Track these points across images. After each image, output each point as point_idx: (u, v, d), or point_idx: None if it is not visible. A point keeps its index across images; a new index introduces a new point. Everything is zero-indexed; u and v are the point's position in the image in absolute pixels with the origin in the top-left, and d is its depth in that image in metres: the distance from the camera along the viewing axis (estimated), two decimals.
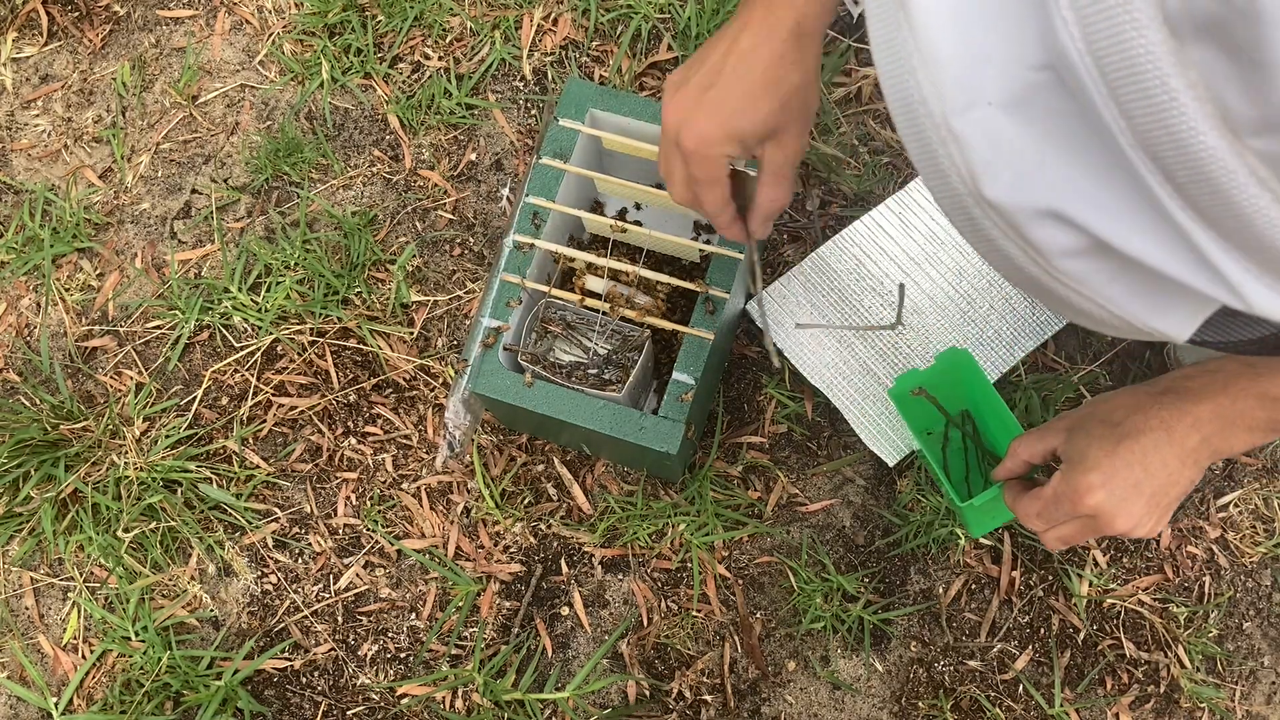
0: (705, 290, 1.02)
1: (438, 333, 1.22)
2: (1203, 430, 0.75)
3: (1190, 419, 0.75)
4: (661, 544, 1.14)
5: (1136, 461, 0.75)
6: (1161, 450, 0.75)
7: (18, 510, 1.17)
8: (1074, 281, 0.41)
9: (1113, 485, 0.76)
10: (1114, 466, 0.76)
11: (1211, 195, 0.35)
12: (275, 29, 1.36)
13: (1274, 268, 0.37)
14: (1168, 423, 0.75)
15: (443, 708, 1.10)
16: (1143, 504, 0.76)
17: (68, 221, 1.28)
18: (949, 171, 0.41)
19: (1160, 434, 0.75)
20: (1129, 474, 0.75)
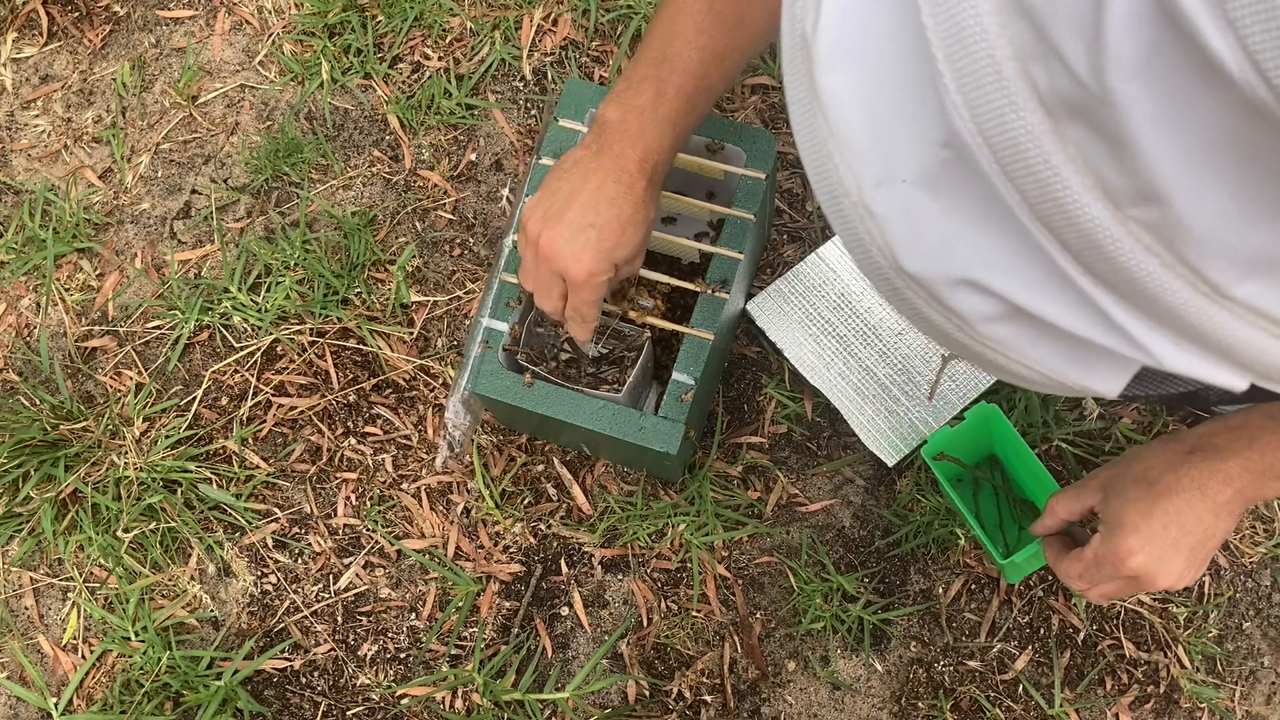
0: (705, 290, 1.02)
1: (438, 333, 1.22)
2: (1234, 485, 0.78)
3: (1221, 475, 0.78)
4: (661, 544, 1.14)
5: (1173, 521, 0.79)
6: (1195, 507, 0.79)
7: (18, 510, 1.17)
8: (999, 345, 0.43)
9: (1152, 548, 0.79)
10: (1151, 529, 0.79)
11: (1104, 262, 0.37)
12: (275, 29, 1.36)
13: (1175, 327, 0.39)
14: (1199, 481, 0.79)
15: (443, 708, 1.10)
16: (1182, 560, 0.80)
17: (68, 221, 1.28)
18: (870, 247, 0.43)
19: (1193, 492, 0.79)
20: (1166, 534, 0.79)
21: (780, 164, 1.27)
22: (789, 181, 1.26)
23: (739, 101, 1.29)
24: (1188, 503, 0.79)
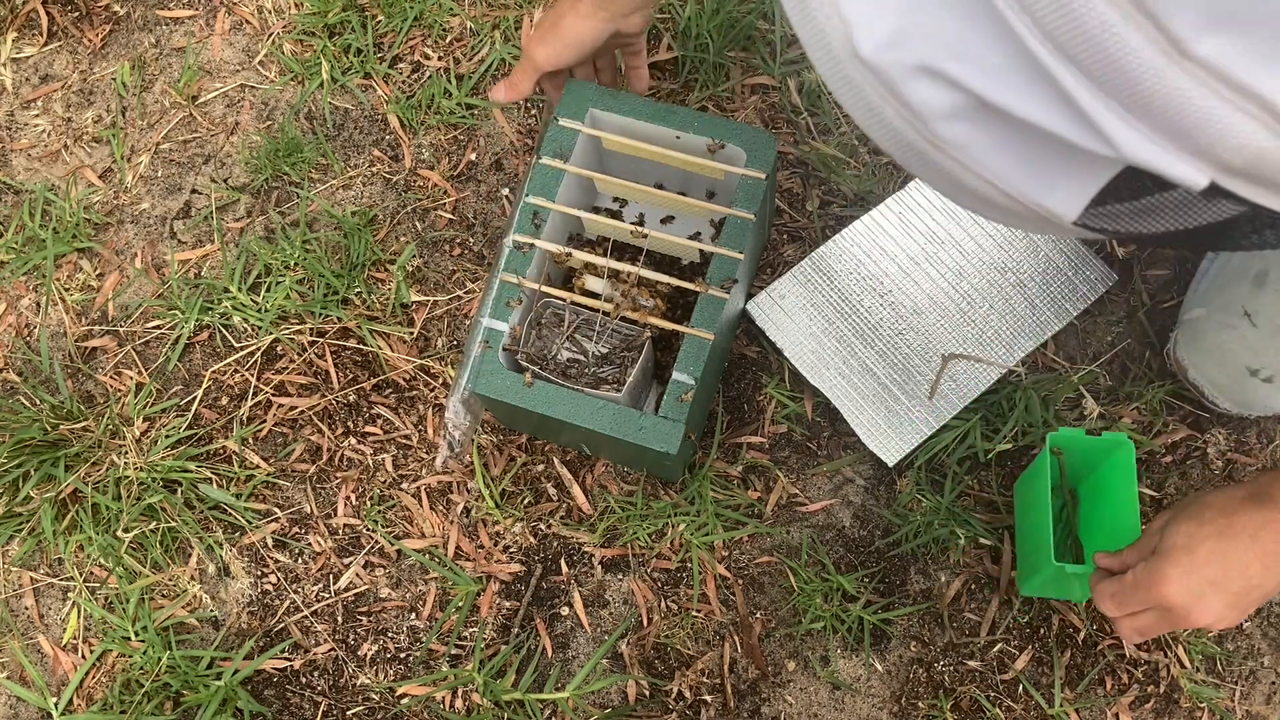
0: (706, 290, 1.02)
1: (438, 333, 1.22)
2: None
3: (1276, 526, 0.78)
4: (661, 544, 1.14)
5: (1218, 560, 0.78)
6: (1244, 553, 0.78)
7: (18, 510, 1.17)
8: (958, 150, 0.41)
9: (1190, 580, 0.78)
10: (1194, 562, 0.78)
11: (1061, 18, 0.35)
12: (275, 29, 1.36)
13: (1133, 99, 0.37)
14: (1253, 528, 0.78)
15: (443, 708, 1.10)
16: (1222, 602, 0.79)
17: (68, 221, 1.28)
18: (826, 28, 0.41)
19: (1245, 539, 0.78)
20: (1208, 571, 0.78)
21: (780, 164, 1.27)
22: (789, 181, 1.26)
23: (739, 101, 1.29)
24: (1237, 547, 0.78)
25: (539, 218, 1.06)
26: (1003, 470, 1.16)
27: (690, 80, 1.29)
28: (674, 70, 1.30)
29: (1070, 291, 1.20)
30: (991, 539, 1.14)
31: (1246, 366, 1.08)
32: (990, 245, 1.21)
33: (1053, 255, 1.21)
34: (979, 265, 1.20)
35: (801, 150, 1.27)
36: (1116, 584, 0.84)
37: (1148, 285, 1.22)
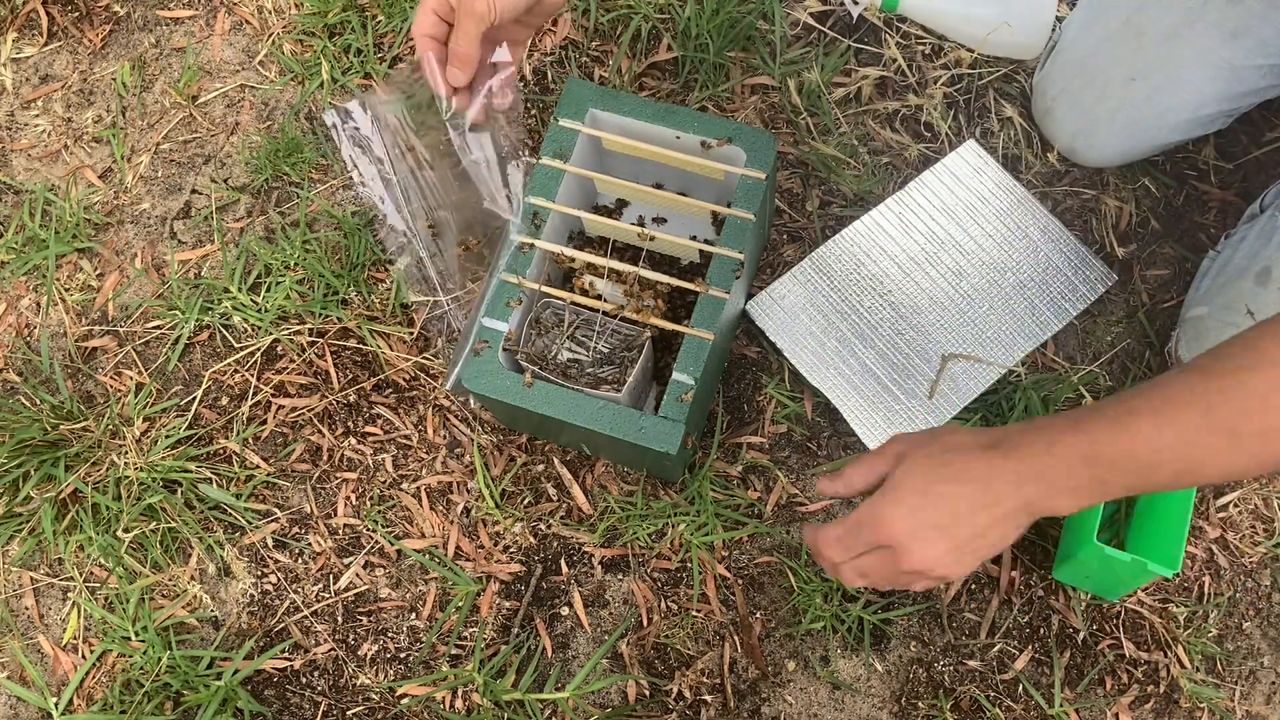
0: (706, 290, 1.02)
1: (438, 333, 1.22)
2: (1024, 492, 0.76)
3: (1012, 478, 0.76)
4: (661, 544, 1.14)
5: (947, 506, 0.77)
6: (974, 500, 0.77)
7: (18, 510, 1.17)
8: None
9: (916, 520, 0.77)
10: (922, 503, 0.77)
11: None
12: (275, 29, 1.36)
13: None
14: (987, 476, 0.77)
15: (443, 708, 1.10)
16: (945, 547, 0.77)
17: (68, 221, 1.28)
18: None
19: (977, 487, 0.76)
20: (934, 514, 0.77)
21: (780, 164, 1.27)
22: (789, 181, 1.26)
23: (739, 101, 1.29)
24: (968, 494, 0.76)
25: (539, 218, 1.06)
26: None
27: (690, 80, 1.29)
28: (674, 70, 1.30)
29: (1070, 291, 1.20)
30: None
31: None
32: (990, 245, 1.21)
33: (1053, 255, 1.21)
34: (979, 265, 1.20)
35: (801, 150, 1.27)
36: (841, 528, 0.80)
37: (1148, 285, 1.22)
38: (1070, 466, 0.75)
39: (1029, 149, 1.26)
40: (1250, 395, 0.72)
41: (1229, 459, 0.74)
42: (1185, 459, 0.74)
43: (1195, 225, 1.24)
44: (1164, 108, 1.14)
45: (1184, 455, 0.74)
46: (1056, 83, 1.20)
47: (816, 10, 1.32)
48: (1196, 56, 1.11)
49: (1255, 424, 0.72)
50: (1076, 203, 1.25)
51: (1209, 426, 0.73)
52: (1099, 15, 1.18)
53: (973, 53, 1.28)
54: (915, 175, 1.24)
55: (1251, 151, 1.25)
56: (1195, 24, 1.11)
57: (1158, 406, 0.74)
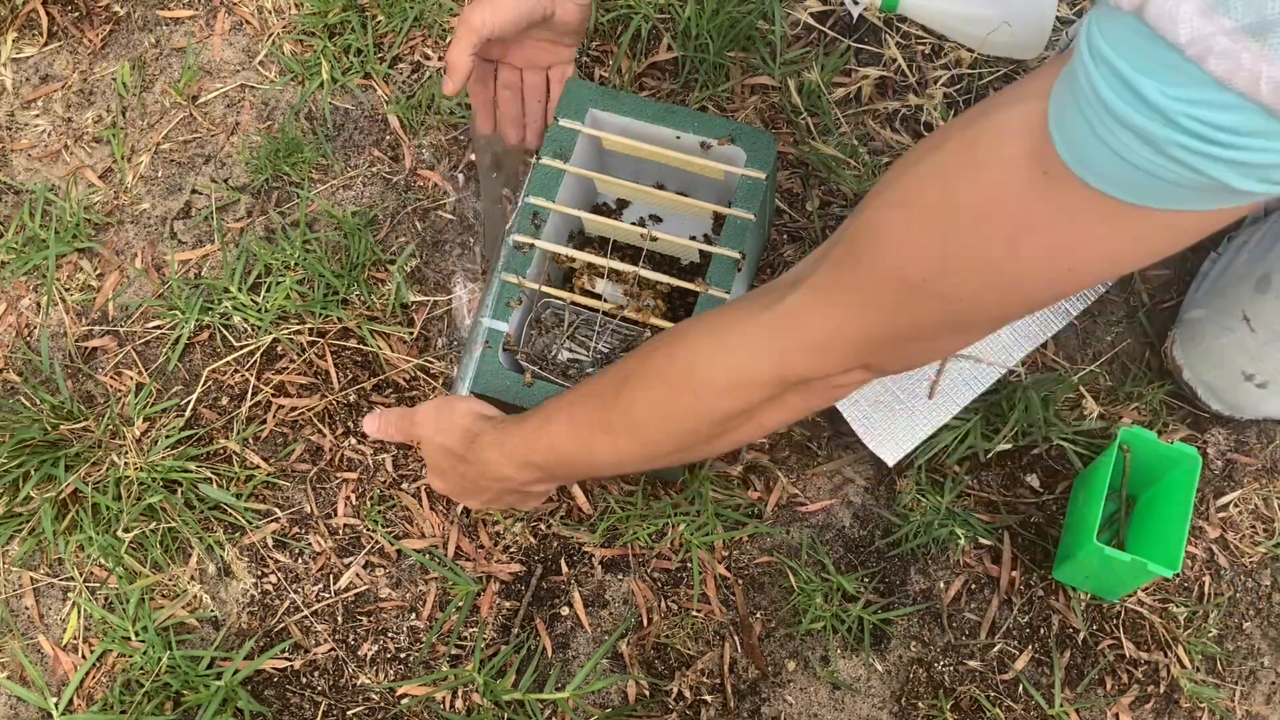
0: (706, 290, 1.02)
1: (438, 333, 1.22)
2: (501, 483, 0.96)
3: (493, 475, 0.95)
4: (661, 544, 1.14)
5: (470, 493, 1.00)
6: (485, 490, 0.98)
7: (18, 510, 1.17)
8: None
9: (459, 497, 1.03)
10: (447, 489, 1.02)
11: None
12: (275, 29, 1.36)
13: None
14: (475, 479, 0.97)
15: (443, 708, 1.10)
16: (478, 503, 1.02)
17: (68, 221, 1.28)
18: None
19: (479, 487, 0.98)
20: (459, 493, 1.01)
21: (780, 164, 1.27)
22: (789, 181, 1.26)
23: (739, 101, 1.29)
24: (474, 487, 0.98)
25: (539, 218, 1.06)
26: (1003, 470, 1.16)
27: (690, 80, 1.29)
28: (674, 70, 1.30)
29: None
30: (991, 539, 1.14)
31: (1242, 371, 1.08)
32: None
33: None
34: None
35: (801, 150, 1.27)
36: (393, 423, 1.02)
37: (1148, 285, 1.22)
38: (519, 467, 0.92)
39: None
40: (622, 397, 0.85)
41: (613, 449, 0.87)
42: (587, 450, 0.88)
43: None
44: None
45: (585, 447, 0.88)
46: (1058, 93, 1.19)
47: (816, 10, 1.32)
48: None
49: (625, 421, 0.85)
50: None
51: (598, 423, 0.87)
52: None
53: (973, 53, 1.28)
54: None
55: None
56: None
57: (571, 401, 0.90)
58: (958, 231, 0.65)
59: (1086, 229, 0.60)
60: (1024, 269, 0.64)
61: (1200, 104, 0.49)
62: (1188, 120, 0.50)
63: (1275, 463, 1.16)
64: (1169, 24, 0.48)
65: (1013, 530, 1.14)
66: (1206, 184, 0.53)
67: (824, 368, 0.77)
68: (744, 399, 0.80)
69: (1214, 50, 0.48)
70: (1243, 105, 0.48)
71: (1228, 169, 0.51)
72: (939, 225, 0.66)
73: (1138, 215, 0.57)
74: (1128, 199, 0.56)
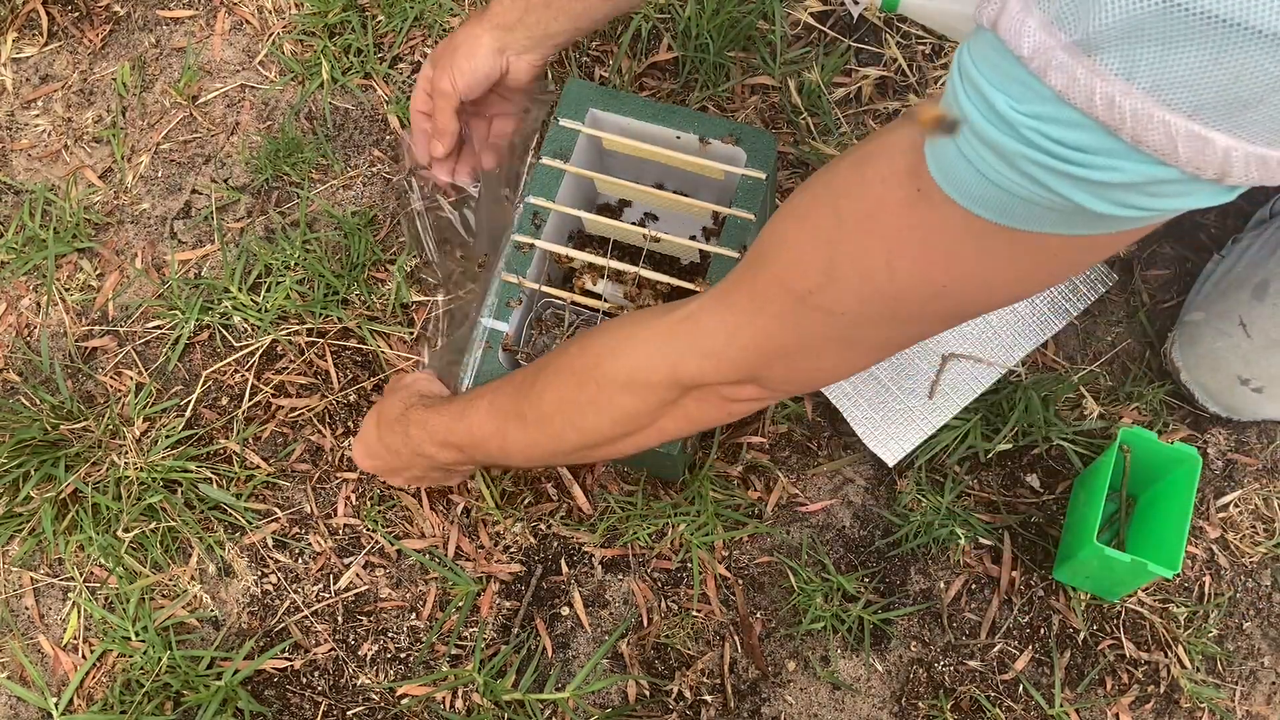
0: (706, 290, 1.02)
1: (438, 333, 1.22)
2: (419, 459, 1.00)
3: (409, 452, 1.00)
4: (661, 544, 1.14)
5: (387, 468, 1.07)
6: (408, 466, 1.04)
7: (18, 510, 1.17)
8: None
9: (378, 471, 1.10)
10: (367, 455, 1.07)
11: None
12: (275, 29, 1.36)
13: None
14: (400, 452, 1.01)
15: (443, 708, 1.10)
16: (370, 464, 1.08)
17: (68, 221, 1.28)
18: None
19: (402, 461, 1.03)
20: (380, 467, 1.08)
21: (780, 164, 1.27)
22: (789, 181, 1.26)
23: (739, 101, 1.29)
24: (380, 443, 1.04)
25: (539, 218, 1.06)
26: (1003, 470, 1.16)
27: (690, 80, 1.29)
28: (674, 70, 1.30)
29: (1070, 291, 1.20)
30: (991, 539, 1.14)
31: (1238, 376, 1.08)
32: None
33: None
34: None
35: (801, 150, 1.27)
36: None
37: (1148, 285, 1.22)
38: (440, 447, 0.97)
39: None
40: (537, 387, 0.87)
41: (524, 438, 0.90)
42: (500, 436, 0.91)
43: (1196, 225, 1.24)
44: None
45: (499, 434, 0.91)
46: None
47: (816, 10, 1.32)
48: None
49: (535, 411, 0.87)
50: None
51: (513, 411, 0.89)
52: None
53: None
54: None
55: None
56: None
57: (494, 388, 0.92)
58: (841, 244, 0.66)
59: (955, 247, 0.61)
60: (900, 285, 0.65)
61: (1045, 119, 0.49)
62: (1034, 135, 0.50)
63: (1275, 463, 1.16)
64: (1015, 37, 0.48)
65: (1013, 530, 1.14)
66: (1062, 204, 0.52)
67: (715, 373, 0.78)
68: (641, 398, 0.81)
69: (1053, 64, 0.47)
70: (1083, 122, 0.48)
71: (1076, 188, 0.51)
72: (825, 237, 0.67)
73: (1003, 236, 0.57)
74: (991, 218, 0.57)
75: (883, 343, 0.75)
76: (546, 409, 0.87)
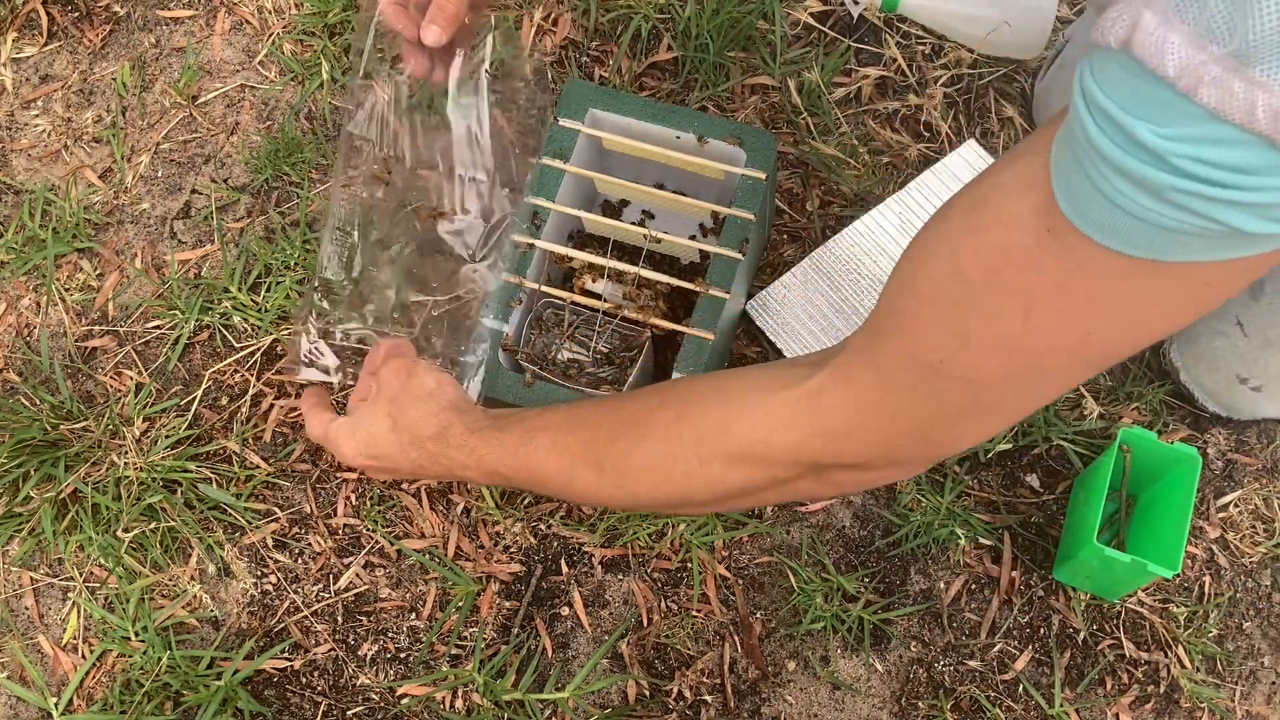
0: (706, 290, 1.02)
1: (437, 333, 1.22)
2: (447, 474, 0.88)
3: (440, 468, 0.87)
4: (661, 544, 1.14)
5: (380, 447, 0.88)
6: (416, 473, 0.90)
7: (18, 510, 1.17)
8: None
9: (354, 436, 0.89)
10: (371, 454, 0.89)
11: None
12: (275, 29, 1.36)
13: None
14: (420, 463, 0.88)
15: (443, 708, 1.10)
16: (368, 466, 0.90)
17: (68, 221, 1.28)
18: None
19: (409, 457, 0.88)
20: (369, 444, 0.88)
21: (780, 164, 1.27)
22: (789, 181, 1.26)
23: (739, 101, 1.29)
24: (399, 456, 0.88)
25: (539, 218, 1.06)
26: (1003, 470, 1.16)
27: (690, 80, 1.29)
28: (674, 70, 1.30)
29: None
30: (991, 539, 1.14)
31: (1236, 375, 1.08)
32: None
33: None
34: None
35: (801, 150, 1.27)
36: (320, 432, 0.92)
37: None
38: (487, 475, 0.86)
39: None
40: (621, 444, 0.79)
41: (596, 485, 0.81)
42: (566, 479, 0.82)
43: None
44: None
45: (566, 476, 0.82)
46: (1059, 97, 1.20)
47: (816, 10, 1.32)
48: None
49: (615, 464, 0.79)
50: None
51: (587, 458, 0.80)
52: None
53: (973, 53, 1.28)
54: (915, 175, 1.24)
55: None
56: None
57: (559, 425, 0.83)
58: (969, 304, 0.61)
59: (1098, 288, 0.56)
60: (1040, 339, 0.60)
61: (1196, 141, 0.46)
62: (1185, 161, 0.46)
63: (1275, 463, 1.16)
64: (1156, 56, 0.45)
65: (1013, 530, 1.14)
66: (1216, 230, 0.48)
67: (843, 456, 0.72)
68: (752, 475, 0.75)
69: (1205, 80, 0.44)
70: (1242, 139, 0.45)
71: (1234, 211, 0.47)
72: (950, 300, 0.62)
73: (1149, 270, 0.53)
74: (1136, 253, 0.52)
75: (1026, 402, 0.68)
76: (630, 467, 0.79)
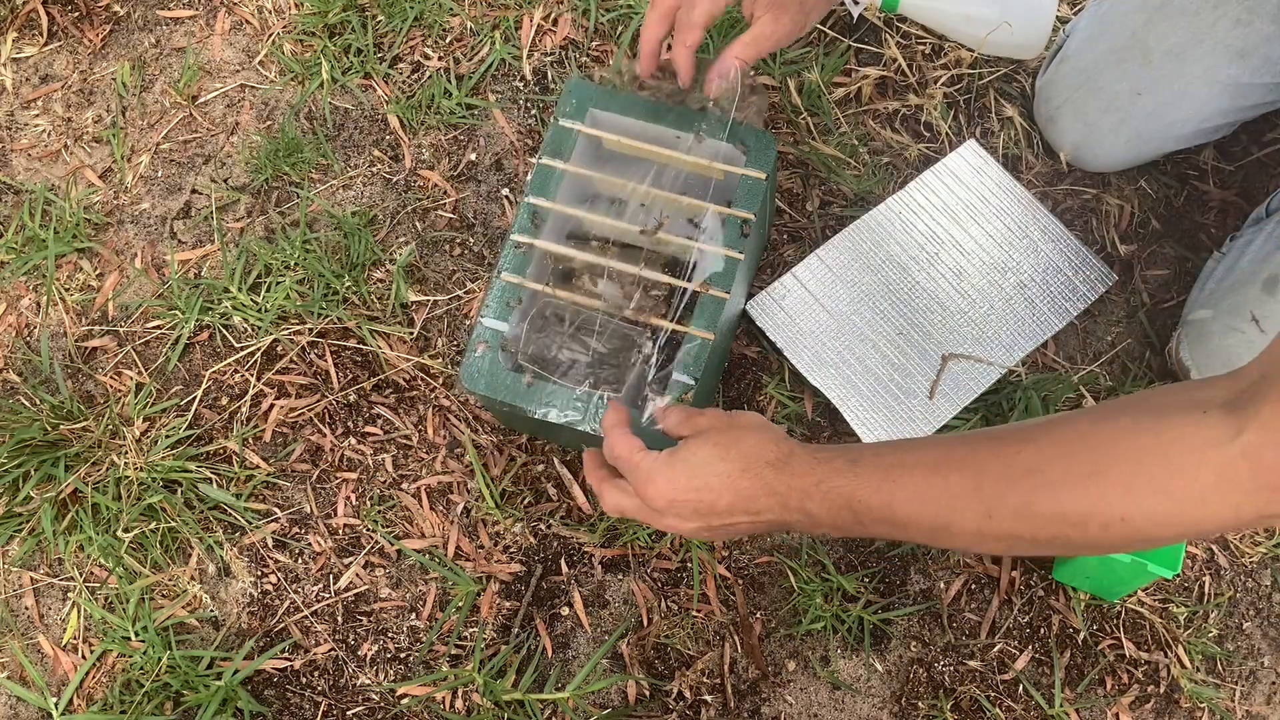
0: (706, 290, 1.02)
1: (438, 333, 1.22)
2: (787, 516, 0.78)
3: (778, 501, 0.78)
4: (661, 544, 1.14)
5: (710, 497, 0.79)
6: (734, 506, 0.79)
7: (18, 510, 1.17)
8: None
9: (677, 494, 0.79)
10: (691, 486, 0.79)
11: None
12: (275, 29, 1.36)
13: None
14: (754, 494, 0.78)
15: (443, 708, 1.10)
16: (694, 526, 0.80)
17: (68, 221, 1.28)
18: None
19: (744, 495, 0.78)
20: (696, 498, 0.79)
21: (780, 164, 1.27)
22: (789, 181, 1.26)
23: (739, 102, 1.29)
24: (730, 496, 0.79)
25: (539, 218, 1.06)
26: None
27: None
28: None
29: (1070, 291, 1.20)
30: None
31: None
32: (990, 245, 1.21)
33: (1053, 255, 1.21)
34: (979, 265, 1.20)
35: (801, 150, 1.27)
36: (630, 457, 0.82)
37: (1148, 285, 1.22)
38: (834, 509, 0.77)
39: (1029, 149, 1.27)
40: (1020, 489, 0.72)
41: (980, 529, 0.74)
42: (943, 518, 0.75)
43: (1196, 225, 1.24)
44: (1169, 121, 1.15)
45: (941, 515, 0.75)
46: (1061, 92, 1.20)
47: None
48: (1203, 74, 1.11)
49: (1014, 513, 0.72)
50: (1077, 203, 1.25)
51: (974, 506, 0.73)
52: (1105, 29, 1.18)
53: (973, 53, 1.28)
54: (915, 175, 1.24)
55: (1253, 152, 1.25)
56: (1202, 42, 1.11)
57: (934, 462, 0.75)
58: None
59: None
60: None
61: None
62: None
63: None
64: None
65: None
66: None
67: None
68: (1181, 535, 0.72)
69: None
70: None
71: None
72: None
73: None
74: None
75: None
76: (1038, 514, 0.73)
